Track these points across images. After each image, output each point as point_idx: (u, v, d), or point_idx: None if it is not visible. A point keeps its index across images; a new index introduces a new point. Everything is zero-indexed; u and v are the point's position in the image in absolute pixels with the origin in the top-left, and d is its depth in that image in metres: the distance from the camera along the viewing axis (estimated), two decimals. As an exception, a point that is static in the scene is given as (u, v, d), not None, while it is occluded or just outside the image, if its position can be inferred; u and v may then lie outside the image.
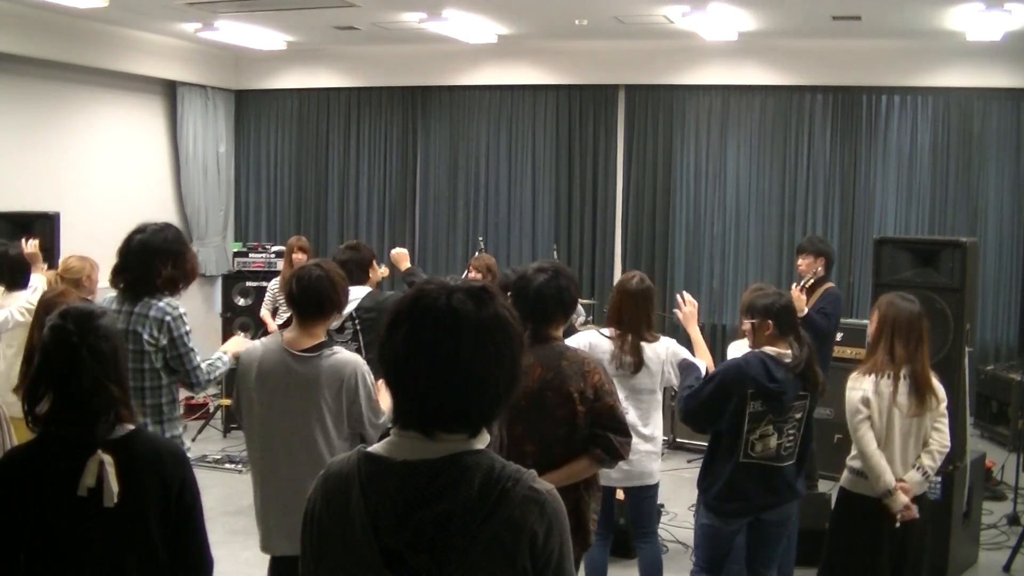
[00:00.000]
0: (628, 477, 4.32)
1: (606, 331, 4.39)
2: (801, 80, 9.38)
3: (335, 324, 4.38)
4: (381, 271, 5.50)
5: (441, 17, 8.29)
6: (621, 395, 4.30)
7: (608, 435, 3.18)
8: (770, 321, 3.86)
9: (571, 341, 4.21)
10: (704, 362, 4.35)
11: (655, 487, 4.47)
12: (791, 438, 3.88)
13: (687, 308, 4.48)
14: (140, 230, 3.76)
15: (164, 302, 3.72)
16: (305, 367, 3.40)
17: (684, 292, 4.67)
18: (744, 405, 3.78)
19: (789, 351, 3.85)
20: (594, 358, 3.35)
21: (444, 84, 10.40)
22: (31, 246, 5.79)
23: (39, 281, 5.48)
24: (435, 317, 1.60)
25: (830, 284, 6.01)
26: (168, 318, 3.69)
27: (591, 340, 4.34)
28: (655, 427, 4.41)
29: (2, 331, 5.00)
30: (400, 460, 1.60)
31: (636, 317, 4.31)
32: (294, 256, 7.70)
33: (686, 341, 4.55)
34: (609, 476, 4.15)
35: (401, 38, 9.58)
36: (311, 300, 3.45)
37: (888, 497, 3.83)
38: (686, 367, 4.24)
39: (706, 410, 3.87)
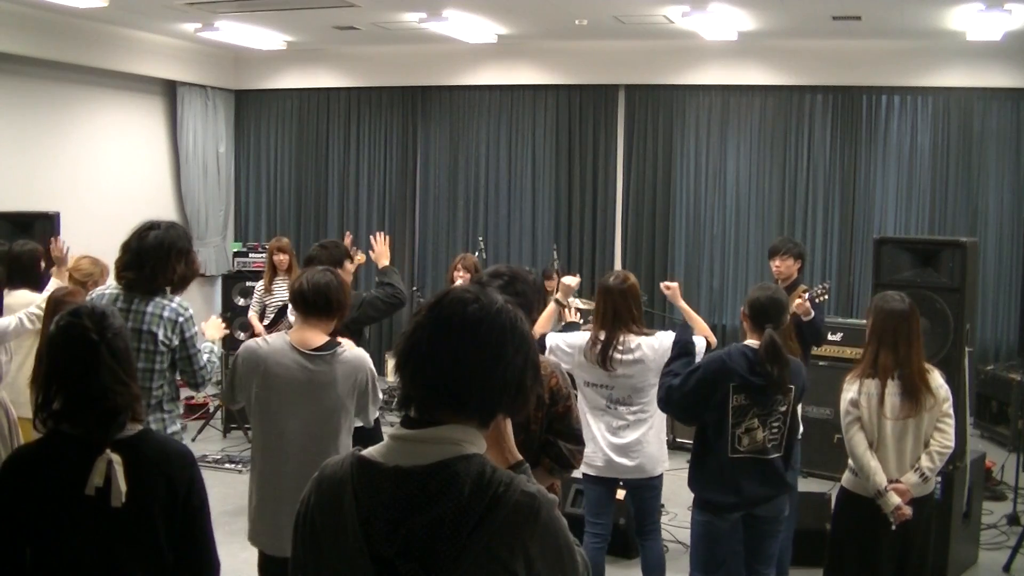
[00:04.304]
0: (637, 469, 4.35)
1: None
2: (801, 80, 9.38)
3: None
4: (358, 258, 5.53)
5: (441, 17, 8.30)
6: (622, 394, 4.31)
7: (559, 443, 3.06)
8: (744, 311, 3.91)
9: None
10: (702, 337, 4.34)
11: (659, 478, 4.45)
12: (775, 431, 3.88)
13: (670, 290, 4.71)
14: (153, 226, 3.75)
15: (176, 303, 3.74)
16: (320, 365, 3.44)
17: (663, 283, 4.91)
18: (727, 399, 3.78)
19: None
20: (552, 361, 3.25)
21: (444, 84, 10.40)
22: (57, 248, 5.53)
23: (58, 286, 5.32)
24: (435, 318, 1.63)
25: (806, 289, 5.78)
26: (181, 319, 3.72)
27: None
28: (660, 418, 4.39)
29: (8, 338, 4.79)
30: (392, 465, 1.59)
31: (622, 314, 4.24)
32: (275, 258, 7.65)
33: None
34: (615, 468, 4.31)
35: (401, 38, 9.58)
36: (321, 297, 3.50)
37: (880, 498, 3.83)
38: (679, 343, 4.12)
39: (690, 402, 3.86)
